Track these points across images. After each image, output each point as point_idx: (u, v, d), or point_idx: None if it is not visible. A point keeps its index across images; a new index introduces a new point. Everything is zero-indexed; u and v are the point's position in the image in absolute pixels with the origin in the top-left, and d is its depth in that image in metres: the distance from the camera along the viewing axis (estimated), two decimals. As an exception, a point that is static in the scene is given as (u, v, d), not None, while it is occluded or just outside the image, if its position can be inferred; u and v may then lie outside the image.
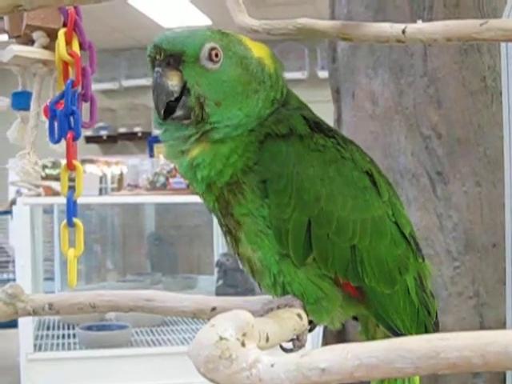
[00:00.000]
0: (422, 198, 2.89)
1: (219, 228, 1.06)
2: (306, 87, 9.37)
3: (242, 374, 0.59)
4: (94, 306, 1.11)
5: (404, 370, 0.57)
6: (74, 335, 3.76)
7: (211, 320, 0.63)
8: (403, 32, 1.07)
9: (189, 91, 0.96)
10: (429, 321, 1.08)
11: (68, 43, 1.27)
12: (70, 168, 1.27)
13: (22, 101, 1.41)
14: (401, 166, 2.92)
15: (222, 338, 0.60)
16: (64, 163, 1.27)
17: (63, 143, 1.27)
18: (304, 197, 0.97)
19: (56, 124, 1.26)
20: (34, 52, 1.32)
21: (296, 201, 0.97)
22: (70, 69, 1.27)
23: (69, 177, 1.27)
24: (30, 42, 1.34)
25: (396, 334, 1.04)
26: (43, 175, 4.49)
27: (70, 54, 1.25)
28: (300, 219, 0.98)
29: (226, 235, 1.04)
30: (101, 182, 6.20)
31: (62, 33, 1.26)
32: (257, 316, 0.87)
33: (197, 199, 1.05)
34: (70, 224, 1.27)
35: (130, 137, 10.90)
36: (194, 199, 1.10)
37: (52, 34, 1.31)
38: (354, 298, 1.03)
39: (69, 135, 1.25)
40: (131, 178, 5.64)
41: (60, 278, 4.78)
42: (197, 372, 0.61)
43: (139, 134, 10.76)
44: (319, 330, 3.17)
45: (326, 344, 3.10)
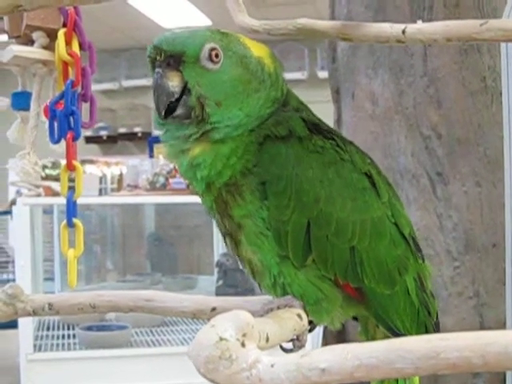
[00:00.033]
0: (422, 198, 2.89)
1: (218, 229, 1.06)
2: (306, 87, 9.37)
3: (242, 375, 0.59)
4: (93, 306, 1.11)
5: (404, 371, 0.57)
6: (74, 335, 3.76)
7: (211, 320, 0.63)
8: (403, 32, 1.07)
9: (189, 91, 0.96)
10: (429, 321, 1.08)
11: (68, 43, 1.27)
12: (70, 168, 1.27)
13: (21, 101, 1.41)
14: (401, 167, 2.92)
15: (221, 339, 0.60)
16: (64, 163, 1.27)
17: (63, 143, 1.27)
18: (303, 198, 0.97)
19: (56, 124, 1.26)
20: (34, 52, 1.32)
21: (295, 202, 0.97)
22: (69, 69, 1.27)
23: (69, 177, 1.27)
24: (30, 42, 1.34)
25: (396, 335, 1.04)
26: (43, 175, 4.48)
27: (69, 54, 1.25)
28: (299, 221, 0.98)
29: (225, 237, 1.04)
30: (100, 183, 6.20)
31: (61, 33, 1.26)
32: (257, 316, 0.87)
33: (196, 199, 1.05)
34: (70, 224, 1.27)
35: (130, 137, 10.90)
36: (193, 199, 1.10)
37: (52, 35, 1.31)
38: (353, 298, 1.03)
39: (69, 135, 1.25)
40: (131, 179, 5.65)
41: (60, 278, 4.78)
42: (197, 372, 0.61)
43: (139, 135, 10.76)
44: (319, 331, 3.17)
45: (325, 344, 3.10)
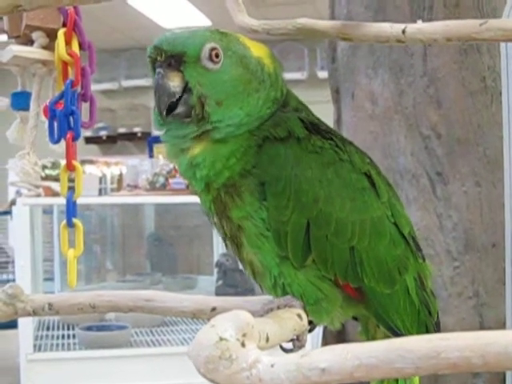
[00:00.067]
0: (422, 198, 2.89)
1: (219, 229, 1.06)
2: (306, 87, 9.37)
3: (242, 375, 0.59)
4: (93, 306, 1.10)
5: (404, 370, 0.57)
6: (74, 336, 3.76)
7: (211, 320, 0.63)
8: (403, 32, 1.07)
9: (190, 91, 0.96)
10: (430, 321, 1.08)
11: (67, 43, 1.26)
12: (70, 168, 1.27)
13: (21, 101, 1.41)
14: (400, 167, 2.92)
15: (221, 339, 0.60)
16: (63, 164, 1.27)
17: (63, 143, 1.27)
18: (302, 199, 0.97)
19: (55, 124, 1.25)
20: (34, 52, 1.32)
21: (294, 203, 0.97)
22: (69, 69, 1.27)
23: (68, 177, 1.27)
24: (30, 42, 1.34)
25: (396, 335, 1.04)
26: (43, 176, 4.49)
27: (69, 54, 1.25)
28: (299, 221, 0.98)
29: (226, 240, 1.04)
30: (100, 183, 6.20)
31: (61, 33, 1.26)
32: (257, 316, 0.87)
33: (196, 199, 1.05)
34: (70, 224, 1.27)
35: (130, 137, 10.89)
36: (193, 199, 1.10)
37: (51, 34, 1.31)
38: (353, 298, 1.03)
39: (68, 135, 1.25)
40: (131, 179, 5.65)
41: (60, 278, 4.78)
42: (197, 372, 0.61)
43: (139, 135, 10.76)
44: (319, 331, 3.17)
45: (325, 344, 3.10)
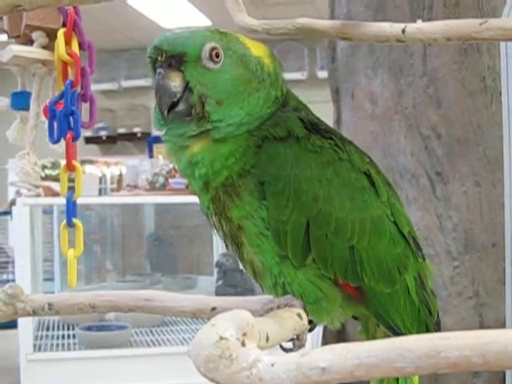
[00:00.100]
0: (422, 198, 2.89)
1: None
2: (306, 87, 9.36)
3: (243, 374, 0.59)
4: (93, 306, 1.10)
5: (404, 370, 0.57)
6: (74, 336, 3.76)
7: (211, 320, 0.63)
8: (403, 31, 1.07)
9: (191, 91, 0.96)
10: (430, 320, 1.08)
11: (67, 43, 1.26)
12: (70, 168, 1.27)
13: (21, 101, 1.40)
14: (400, 166, 2.92)
15: (222, 338, 0.60)
16: (63, 164, 1.27)
17: (63, 143, 1.27)
18: (302, 198, 0.97)
19: (55, 124, 1.25)
20: (34, 52, 1.31)
21: (294, 202, 0.97)
22: (69, 69, 1.27)
23: (68, 177, 1.27)
24: (30, 41, 1.34)
25: (396, 334, 1.04)
26: (43, 176, 4.49)
27: (69, 54, 1.25)
28: (298, 220, 0.98)
29: (226, 240, 1.04)
30: (100, 183, 6.20)
31: (61, 33, 1.26)
32: (257, 316, 0.87)
33: (196, 199, 1.05)
34: (70, 224, 1.27)
35: (130, 137, 10.90)
36: (193, 199, 1.09)
37: (51, 34, 1.31)
38: (353, 297, 1.03)
39: (68, 135, 1.25)
40: (130, 179, 5.66)
41: (60, 278, 4.78)
42: (197, 372, 0.61)
43: (138, 135, 10.76)
44: (319, 330, 3.17)
45: (325, 343, 3.10)
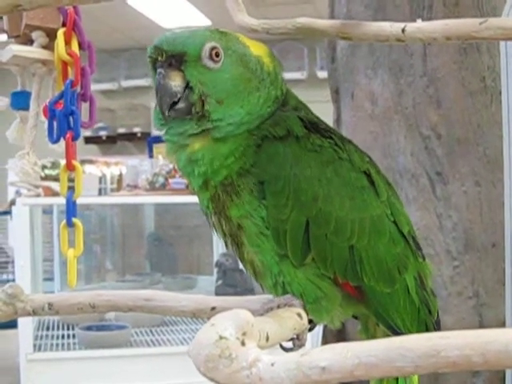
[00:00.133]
0: (422, 197, 2.88)
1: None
2: (306, 87, 9.37)
3: (242, 373, 0.59)
4: (93, 305, 1.10)
5: (404, 369, 0.57)
6: (74, 335, 3.76)
7: (211, 319, 0.63)
8: (403, 31, 1.07)
9: (192, 90, 0.96)
10: (430, 320, 1.08)
11: (67, 43, 1.26)
12: (70, 168, 1.27)
13: (21, 101, 1.40)
14: (400, 166, 2.92)
15: (221, 337, 0.60)
16: (63, 163, 1.27)
17: (62, 143, 1.27)
18: (301, 198, 0.97)
19: (55, 124, 1.25)
20: (33, 52, 1.31)
21: (294, 202, 0.97)
22: (69, 69, 1.27)
23: (68, 177, 1.27)
24: (29, 41, 1.34)
25: (396, 333, 1.04)
26: (42, 175, 4.49)
27: (69, 53, 1.25)
28: (298, 220, 0.98)
29: (226, 240, 1.04)
30: (100, 183, 6.21)
31: (61, 32, 1.26)
32: (257, 315, 0.87)
33: (196, 199, 1.05)
34: (70, 224, 1.27)
35: (130, 137, 10.89)
36: (193, 199, 1.10)
37: (51, 34, 1.31)
38: (353, 297, 1.03)
39: (68, 135, 1.25)
40: (130, 179, 5.65)
41: (59, 278, 4.78)
42: (197, 372, 0.61)
43: (138, 135, 10.76)
44: (319, 329, 3.17)
45: (325, 343, 3.10)
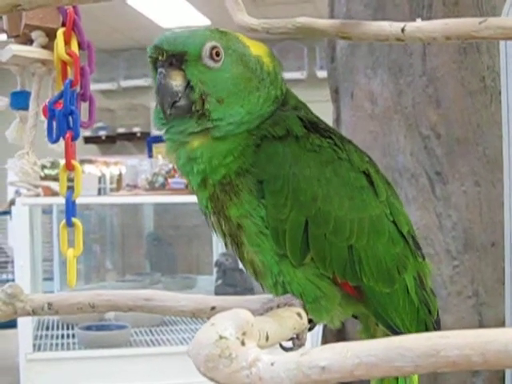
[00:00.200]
0: (421, 197, 2.88)
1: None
2: (305, 87, 9.36)
3: (242, 373, 0.59)
4: (93, 305, 1.10)
5: (404, 369, 0.57)
6: (74, 335, 3.76)
7: (211, 319, 0.63)
8: (402, 30, 1.07)
9: (192, 89, 0.96)
10: (429, 319, 1.08)
11: (67, 43, 1.26)
12: (69, 168, 1.27)
13: (20, 100, 1.40)
14: (400, 166, 2.92)
15: (221, 337, 0.60)
16: (63, 163, 1.27)
17: (62, 143, 1.27)
18: (301, 197, 0.97)
19: (55, 124, 1.25)
20: (33, 51, 1.31)
21: (293, 201, 0.97)
22: (68, 68, 1.26)
23: (68, 177, 1.27)
24: (29, 41, 1.34)
25: (396, 333, 1.04)
26: (42, 175, 4.49)
27: (68, 53, 1.25)
28: (297, 219, 0.98)
29: (225, 239, 1.04)
30: (100, 182, 6.21)
31: (60, 32, 1.26)
32: (256, 315, 0.87)
33: (195, 199, 1.05)
34: (69, 224, 1.27)
35: (129, 137, 10.89)
36: (192, 199, 1.10)
37: (51, 34, 1.30)
38: (352, 297, 1.03)
39: (67, 135, 1.25)
40: (130, 179, 5.65)
41: (59, 278, 4.78)
42: (196, 372, 0.61)
43: (138, 135, 10.76)
44: (319, 329, 3.17)
45: (325, 343, 3.10)
